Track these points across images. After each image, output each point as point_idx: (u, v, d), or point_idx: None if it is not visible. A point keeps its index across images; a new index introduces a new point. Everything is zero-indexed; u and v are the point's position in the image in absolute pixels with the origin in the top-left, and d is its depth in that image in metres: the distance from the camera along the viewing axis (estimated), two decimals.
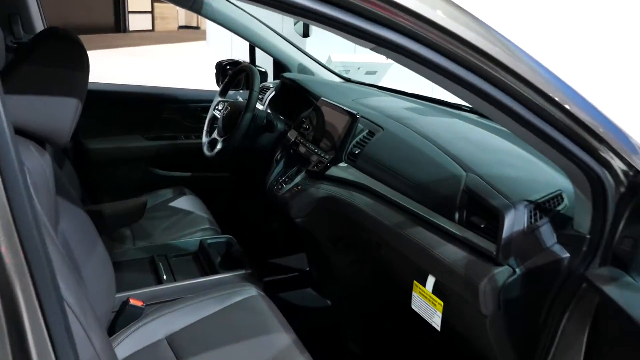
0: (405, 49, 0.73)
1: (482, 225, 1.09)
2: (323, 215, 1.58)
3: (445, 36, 0.72)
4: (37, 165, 0.86)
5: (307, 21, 0.76)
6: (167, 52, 11.38)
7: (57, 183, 1.13)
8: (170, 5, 14.69)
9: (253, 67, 1.90)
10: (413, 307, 1.29)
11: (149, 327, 1.34)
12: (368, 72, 3.44)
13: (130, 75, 8.24)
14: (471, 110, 1.84)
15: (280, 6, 0.69)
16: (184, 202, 2.08)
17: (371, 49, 0.82)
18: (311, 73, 2.31)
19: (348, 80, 2.37)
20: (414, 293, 1.28)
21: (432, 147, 1.37)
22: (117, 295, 1.42)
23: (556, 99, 0.79)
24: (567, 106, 0.80)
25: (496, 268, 1.03)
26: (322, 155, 1.59)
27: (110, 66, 9.00)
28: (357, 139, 1.55)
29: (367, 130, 1.56)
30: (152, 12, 15.13)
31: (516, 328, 1.09)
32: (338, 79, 2.36)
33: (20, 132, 0.86)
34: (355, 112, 1.55)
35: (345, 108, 1.60)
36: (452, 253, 1.11)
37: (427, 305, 1.24)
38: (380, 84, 2.29)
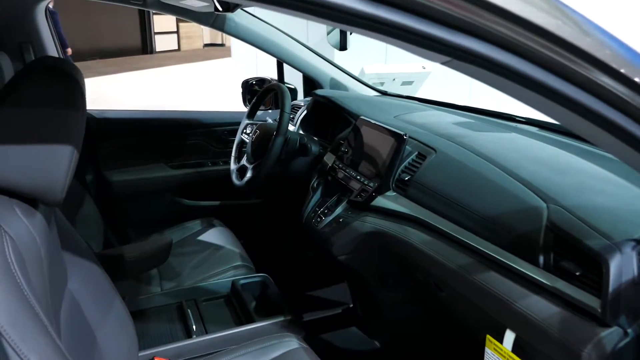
0: (499, 64, 0.54)
1: (577, 273, 0.88)
2: (370, 251, 1.38)
3: (560, 49, 0.52)
4: (23, 232, 0.69)
5: (358, 30, 0.57)
6: (193, 70, 11.42)
7: (64, 237, 0.97)
8: (195, 25, 14.82)
9: (282, 85, 1.73)
10: None
11: None
12: (404, 83, 3.23)
13: (157, 96, 8.24)
14: (528, 122, 1.62)
15: (328, 14, 0.51)
16: (214, 235, 1.92)
17: (442, 63, 0.62)
18: (344, 88, 2.13)
19: (384, 93, 2.18)
20: (487, 350, 1.07)
21: (498, 171, 1.16)
22: (140, 354, 1.25)
23: None
24: None
25: (603, 330, 0.82)
26: (366, 182, 1.40)
27: (137, 88, 9.04)
28: (406, 163, 1.36)
29: (416, 153, 1.36)
30: (177, 32, 15.30)
31: None
32: (374, 93, 2.17)
33: (3, 190, 0.70)
34: (402, 133, 1.36)
35: (389, 128, 1.41)
36: (540, 308, 0.90)
37: None
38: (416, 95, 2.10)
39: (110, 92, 8.12)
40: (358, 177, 1.44)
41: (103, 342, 1.00)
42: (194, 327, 1.41)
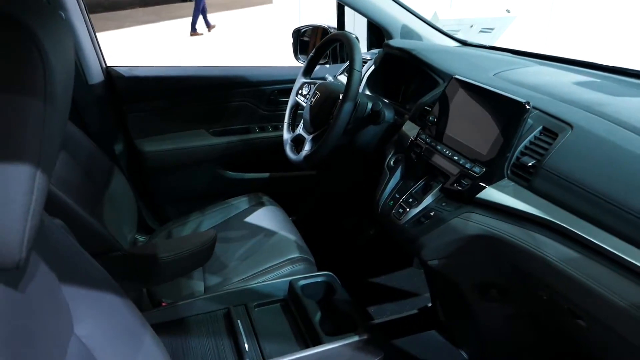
0: None
1: None
2: (473, 258, 1.05)
3: None
4: None
5: None
6: (232, 18, 10.97)
7: (64, 270, 0.68)
8: None
9: (349, 34, 1.37)
10: None
11: None
12: (483, 30, 2.75)
13: (194, 49, 7.90)
14: None
15: None
16: (265, 216, 1.62)
17: None
18: (418, 38, 1.74)
19: (464, 43, 1.78)
20: None
21: None
22: None
23: None
24: None
25: None
26: (468, 166, 1.05)
27: (175, 39, 8.73)
28: (526, 142, 1.00)
29: (540, 128, 1.00)
30: None
31: None
32: (453, 43, 1.77)
33: None
34: (523, 100, 0.99)
35: (502, 93, 1.04)
36: None
37: None
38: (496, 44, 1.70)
39: (147, 45, 7.84)
40: (456, 158, 1.09)
41: None
42: (246, 346, 1.14)
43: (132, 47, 8.08)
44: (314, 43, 1.90)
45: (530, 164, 0.95)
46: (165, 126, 1.81)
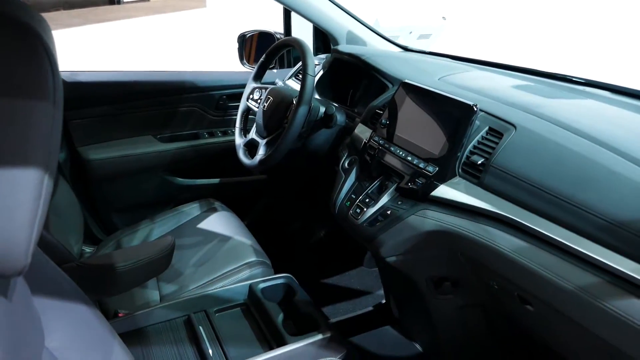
0: None
1: None
2: (430, 253, 1.11)
3: None
4: None
5: None
6: (164, 22, 10.71)
7: (35, 280, 0.66)
8: None
9: (301, 40, 1.39)
10: None
11: None
12: (421, 37, 2.87)
13: (127, 55, 7.65)
14: (594, 85, 1.34)
15: None
16: (217, 222, 1.62)
17: None
18: (362, 44, 1.80)
19: (405, 49, 1.86)
20: None
21: (614, 156, 0.88)
22: None
23: None
24: None
25: None
26: (422, 166, 1.11)
27: (101, 44, 8.41)
28: (475, 142, 1.06)
29: (486, 129, 1.07)
30: None
31: None
32: (395, 48, 1.85)
33: None
34: (471, 103, 1.06)
35: (451, 96, 1.10)
36: None
37: None
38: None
39: (76, 50, 7.50)
40: (409, 159, 1.14)
41: None
42: (210, 351, 1.13)
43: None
44: (258, 48, 1.92)
45: (479, 162, 1.02)
46: (110, 133, 1.75)
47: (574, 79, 1.38)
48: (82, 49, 7.57)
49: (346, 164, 1.33)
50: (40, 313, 0.66)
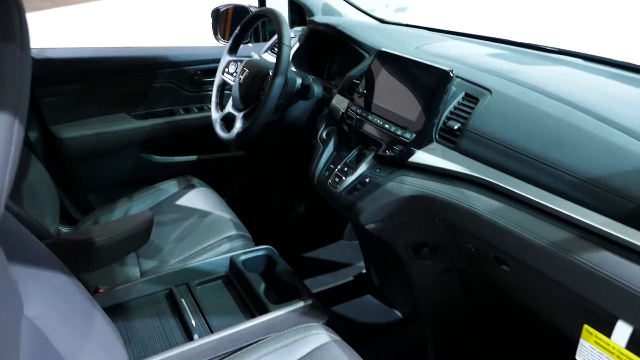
0: None
1: None
2: (407, 217, 1.12)
3: None
4: None
5: None
6: (139, 2, 10.45)
7: (12, 249, 0.66)
8: None
9: (276, 10, 1.38)
10: (579, 359, 0.86)
11: None
12: (398, 10, 2.86)
13: (98, 35, 7.46)
14: (566, 53, 1.37)
15: None
16: (196, 198, 1.61)
17: None
18: (338, 15, 1.79)
19: (382, 21, 1.86)
20: (583, 342, 0.85)
21: (585, 116, 0.90)
22: None
23: None
24: None
25: None
26: (399, 133, 1.12)
27: (71, 26, 8.18)
28: (451, 108, 1.08)
29: (463, 94, 1.08)
30: None
31: None
32: (372, 21, 1.84)
33: None
34: (447, 69, 1.07)
35: (428, 63, 1.11)
36: None
37: None
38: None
39: (46, 33, 7.28)
40: (387, 126, 1.15)
41: None
42: (193, 322, 1.14)
43: None
44: (233, 22, 1.89)
45: (456, 127, 1.03)
46: (84, 111, 1.72)
47: (547, 48, 1.41)
48: (52, 32, 7.35)
49: (324, 135, 1.34)
50: (17, 282, 0.65)
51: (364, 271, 1.64)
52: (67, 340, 0.71)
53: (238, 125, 1.43)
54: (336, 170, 1.22)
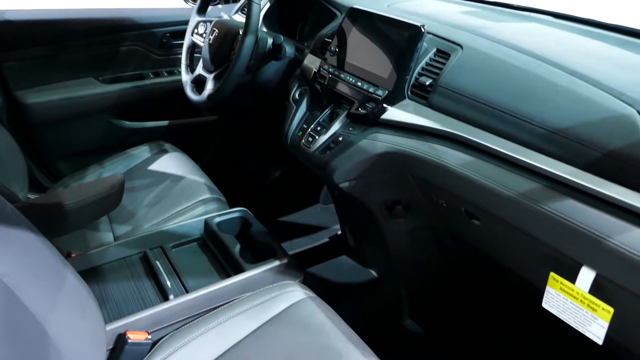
0: None
1: None
2: (380, 175, 1.13)
3: None
4: None
5: None
6: None
7: None
8: None
9: None
10: (546, 306, 0.90)
11: None
12: None
13: None
14: (535, 11, 1.37)
15: None
16: (169, 163, 1.59)
17: None
18: None
19: None
20: (550, 289, 0.88)
21: (554, 69, 0.91)
22: (108, 328, 0.98)
23: None
24: None
25: None
26: (372, 90, 1.11)
27: None
28: (423, 64, 1.08)
29: (434, 50, 1.08)
30: None
31: None
32: None
33: None
34: (418, 24, 1.06)
35: (399, 19, 1.10)
36: None
37: (578, 309, 0.84)
38: None
39: None
40: (359, 84, 1.14)
41: (57, 331, 0.72)
42: (168, 283, 1.14)
43: None
44: None
45: (427, 83, 1.04)
46: (48, 76, 1.66)
47: (518, 6, 1.41)
48: None
49: (297, 95, 1.33)
50: None
51: (339, 232, 1.66)
52: (38, 298, 0.70)
53: (209, 86, 1.40)
54: (309, 130, 1.22)
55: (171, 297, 1.09)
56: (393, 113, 1.07)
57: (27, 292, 0.68)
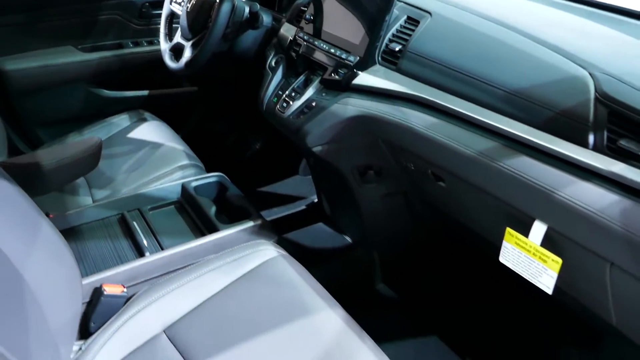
0: None
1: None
2: (352, 140, 1.17)
3: None
4: None
5: None
6: None
7: None
8: None
9: None
10: (502, 260, 0.95)
11: (138, 319, 0.96)
12: None
13: None
14: None
15: None
16: (148, 131, 1.61)
17: None
18: None
19: None
20: (506, 244, 0.93)
21: (516, 35, 0.95)
22: (84, 282, 1.01)
23: None
24: None
25: None
26: (344, 57, 1.14)
27: None
28: (393, 30, 1.11)
29: (405, 17, 1.11)
30: None
31: None
32: None
33: None
34: None
35: None
36: (592, 196, 0.75)
37: (530, 261, 0.89)
38: None
39: None
40: (332, 51, 1.17)
41: (33, 278, 0.75)
42: (145, 241, 1.17)
43: None
44: None
45: (397, 49, 1.07)
46: (27, 43, 1.66)
47: None
48: None
49: (273, 63, 1.35)
50: None
51: (315, 200, 1.70)
52: (13, 242, 0.73)
53: (187, 54, 1.42)
54: (284, 96, 1.25)
55: (147, 254, 1.12)
56: (364, 78, 1.10)
57: (3, 240, 0.71)
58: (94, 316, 0.98)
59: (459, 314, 1.42)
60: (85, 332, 0.98)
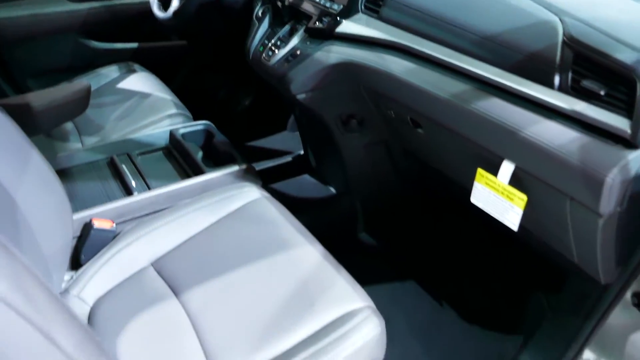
0: None
1: (601, 93, 0.76)
2: (335, 87, 1.20)
3: None
4: None
5: None
6: None
7: None
8: None
9: None
10: (474, 200, 1.00)
11: (126, 253, 1.01)
12: None
13: None
14: None
15: None
16: (137, 81, 1.63)
17: None
18: None
19: None
20: (477, 184, 0.98)
21: None
22: (75, 217, 1.05)
23: None
24: None
25: (631, 152, 0.73)
26: (327, 5, 1.17)
27: None
28: None
29: None
30: None
31: (632, 228, 0.83)
32: None
33: None
34: None
35: None
36: (555, 134, 0.79)
37: (498, 200, 0.95)
38: None
39: None
40: (317, 0, 1.20)
41: (24, 203, 0.79)
42: (133, 183, 1.21)
43: None
44: None
45: None
46: None
47: None
48: None
49: (259, 13, 1.37)
50: None
51: (301, 153, 1.74)
52: (3, 167, 0.77)
53: (174, 3, 1.43)
54: (270, 45, 1.27)
55: (135, 194, 1.16)
56: (347, 26, 1.13)
57: None
58: (84, 249, 1.03)
59: (435, 260, 1.48)
60: (76, 263, 1.03)
